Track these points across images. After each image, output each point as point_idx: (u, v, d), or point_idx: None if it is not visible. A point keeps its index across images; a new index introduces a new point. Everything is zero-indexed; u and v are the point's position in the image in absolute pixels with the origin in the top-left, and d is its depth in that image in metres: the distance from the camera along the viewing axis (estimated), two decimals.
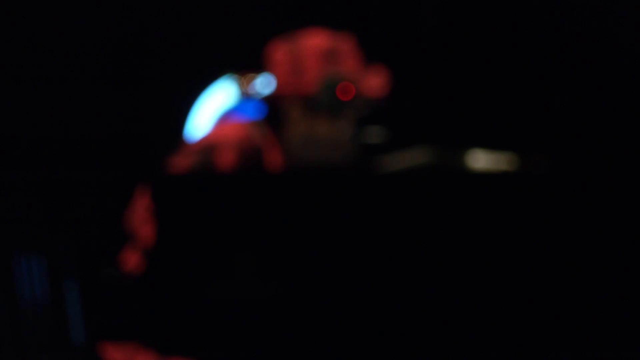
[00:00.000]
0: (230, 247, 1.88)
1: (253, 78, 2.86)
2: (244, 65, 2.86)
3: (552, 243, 1.86)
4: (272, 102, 2.75)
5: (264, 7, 4.60)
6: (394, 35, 4.38)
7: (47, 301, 3.70)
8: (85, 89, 4.75)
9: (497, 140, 2.33)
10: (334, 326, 1.86)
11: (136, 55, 4.78)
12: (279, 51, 2.75)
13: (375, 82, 2.74)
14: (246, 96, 2.85)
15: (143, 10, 4.69)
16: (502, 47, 4.27)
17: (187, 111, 3.38)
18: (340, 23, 2.88)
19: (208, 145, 2.63)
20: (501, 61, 4.25)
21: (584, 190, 1.87)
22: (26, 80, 4.70)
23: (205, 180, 1.95)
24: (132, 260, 2.55)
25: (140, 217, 2.63)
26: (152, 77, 4.74)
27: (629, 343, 1.84)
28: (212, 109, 2.90)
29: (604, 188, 1.87)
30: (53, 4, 4.64)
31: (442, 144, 2.23)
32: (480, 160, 2.31)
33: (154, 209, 1.92)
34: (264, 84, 2.85)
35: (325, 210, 1.87)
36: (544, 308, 1.85)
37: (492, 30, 4.27)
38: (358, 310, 1.86)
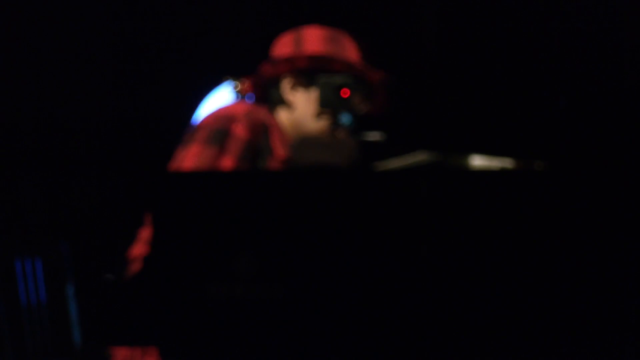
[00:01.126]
0: (231, 247, 1.88)
1: None
2: (243, 71, 2.90)
3: (550, 242, 1.86)
4: (266, 83, 2.82)
5: (263, 16, 4.62)
6: (395, 39, 4.39)
7: (46, 304, 3.71)
8: (87, 91, 4.75)
9: (496, 145, 2.33)
10: (334, 325, 1.86)
11: (140, 60, 4.79)
12: (284, 34, 2.87)
13: (374, 77, 2.79)
14: (243, 99, 2.88)
15: (155, 18, 4.71)
16: (501, 50, 4.28)
17: (189, 114, 3.38)
18: (343, 28, 2.92)
19: (224, 116, 2.69)
20: (501, 64, 4.26)
21: (582, 191, 1.88)
22: (25, 82, 4.70)
23: (206, 180, 1.95)
24: (132, 260, 2.56)
25: (143, 218, 2.65)
26: (155, 81, 4.75)
27: (628, 343, 1.84)
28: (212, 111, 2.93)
29: (602, 189, 1.88)
30: (68, 9, 4.65)
31: (441, 149, 2.24)
32: (479, 162, 2.32)
33: (153, 209, 1.93)
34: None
35: (324, 209, 1.88)
36: (541, 305, 1.86)
37: (492, 35, 4.29)
38: (359, 309, 1.86)
